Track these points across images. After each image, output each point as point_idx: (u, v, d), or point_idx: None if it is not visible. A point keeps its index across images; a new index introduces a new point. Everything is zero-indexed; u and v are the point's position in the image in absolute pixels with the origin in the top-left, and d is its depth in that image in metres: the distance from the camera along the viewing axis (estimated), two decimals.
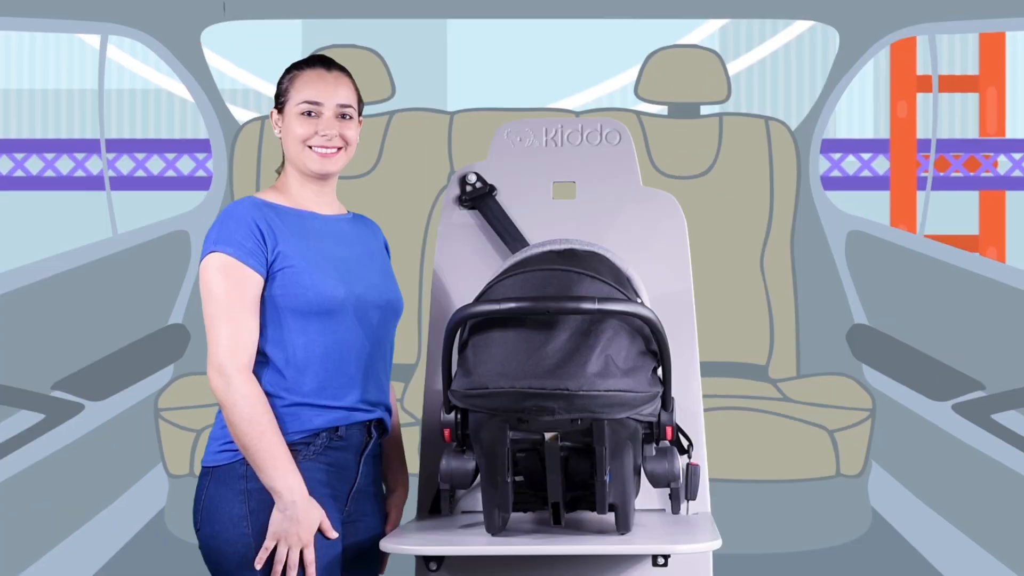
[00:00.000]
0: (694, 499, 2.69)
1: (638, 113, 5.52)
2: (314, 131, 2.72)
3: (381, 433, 2.72)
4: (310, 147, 2.72)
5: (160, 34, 5.40)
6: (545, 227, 2.89)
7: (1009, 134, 7.45)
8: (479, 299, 2.59)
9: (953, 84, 7.79)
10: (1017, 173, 7.18)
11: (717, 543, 2.51)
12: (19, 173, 7.19)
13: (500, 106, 5.73)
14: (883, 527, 5.04)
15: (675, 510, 2.71)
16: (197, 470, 4.79)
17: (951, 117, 7.92)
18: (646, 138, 5.46)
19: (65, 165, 7.11)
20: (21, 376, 4.49)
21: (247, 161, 5.46)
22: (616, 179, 2.92)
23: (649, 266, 2.82)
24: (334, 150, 2.72)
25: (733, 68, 8.27)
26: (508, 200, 2.92)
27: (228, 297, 2.60)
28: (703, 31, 8.67)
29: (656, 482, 2.60)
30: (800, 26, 8.35)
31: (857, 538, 4.85)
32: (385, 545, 2.52)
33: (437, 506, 2.75)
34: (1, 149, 7.11)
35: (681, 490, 2.68)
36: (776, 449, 4.83)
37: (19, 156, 7.31)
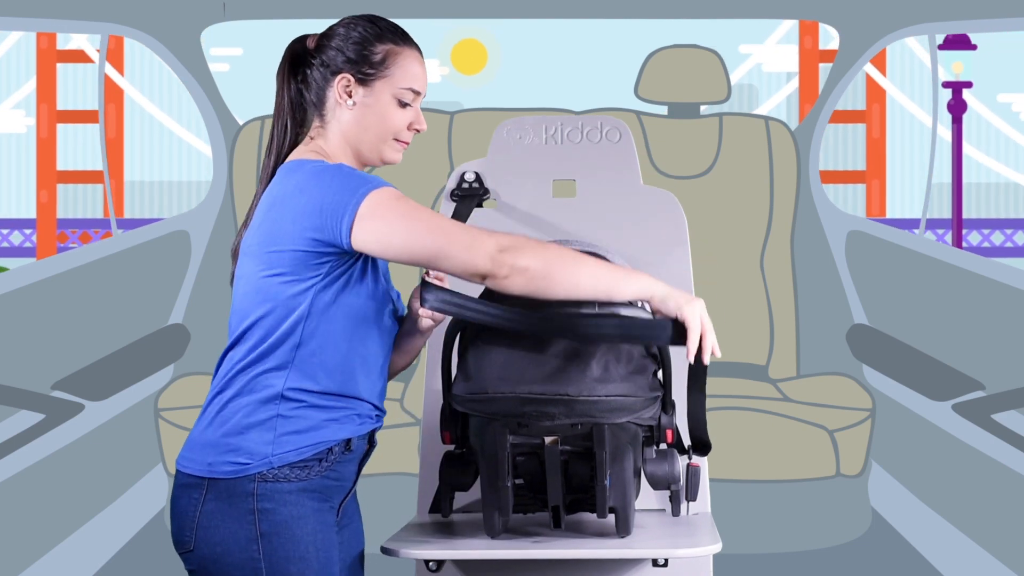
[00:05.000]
0: (694, 500, 2.69)
1: (638, 113, 5.51)
2: (408, 122, 2.45)
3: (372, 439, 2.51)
4: (395, 139, 2.45)
5: (160, 34, 5.39)
6: (545, 226, 2.89)
7: (888, 215, 10.62)
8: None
9: (844, 177, 10.98)
10: None
11: (717, 546, 2.51)
12: None
13: (503, 106, 5.73)
14: (883, 527, 5.03)
15: (675, 512, 2.71)
16: None
17: (844, 202, 10.49)
18: (646, 138, 5.45)
19: None
20: (21, 376, 4.48)
21: (247, 161, 5.46)
22: (616, 177, 2.91)
23: (649, 266, 2.82)
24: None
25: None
26: (508, 198, 2.92)
27: (424, 209, 2.32)
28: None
29: (656, 484, 2.60)
30: None
31: (857, 538, 4.85)
32: (386, 547, 2.51)
33: (437, 507, 2.75)
34: None
35: (681, 492, 2.67)
36: (776, 449, 4.83)
37: None
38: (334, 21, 2.49)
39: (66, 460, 4.59)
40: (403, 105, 2.43)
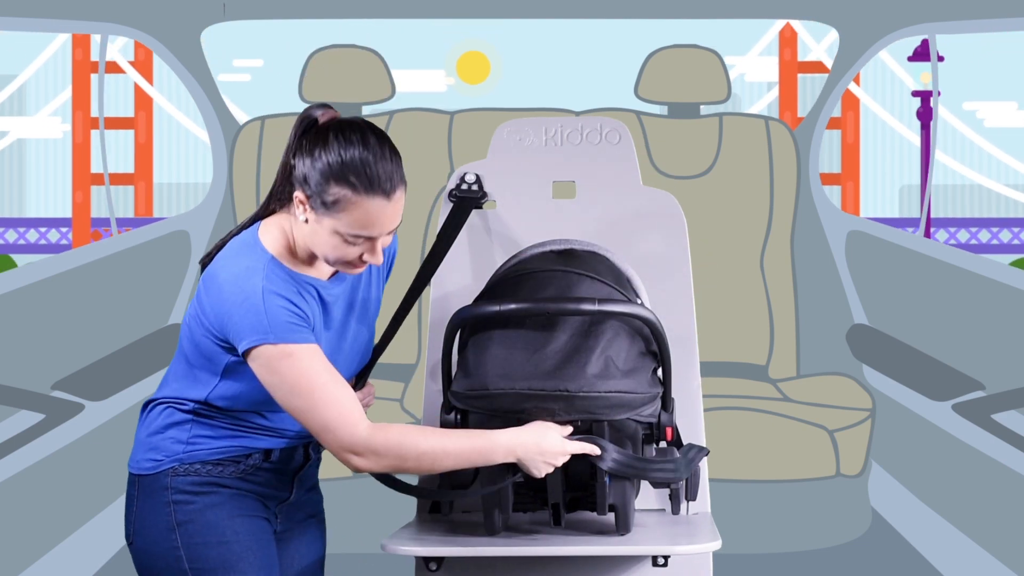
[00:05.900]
0: (694, 500, 2.69)
1: (638, 113, 5.51)
2: (356, 255, 2.38)
3: (318, 451, 2.58)
4: (346, 261, 2.39)
5: (160, 34, 5.40)
6: (545, 227, 2.89)
7: (862, 215, 11.00)
8: (479, 300, 2.59)
9: (821, 180, 11.83)
10: None
11: (717, 544, 2.51)
12: None
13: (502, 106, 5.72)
14: (883, 527, 5.03)
15: (675, 510, 2.71)
16: None
17: None
18: (646, 138, 5.45)
19: None
20: (21, 376, 4.48)
21: (247, 161, 5.46)
22: (616, 179, 2.92)
23: (649, 266, 2.82)
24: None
25: None
26: (508, 200, 2.92)
27: (307, 379, 2.34)
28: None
29: (656, 483, 2.60)
30: None
31: (857, 538, 4.85)
32: (386, 545, 2.51)
33: (437, 506, 2.75)
34: None
35: (681, 491, 2.68)
36: (776, 449, 4.83)
37: None
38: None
39: (66, 460, 4.59)
40: (351, 242, 2.36)
